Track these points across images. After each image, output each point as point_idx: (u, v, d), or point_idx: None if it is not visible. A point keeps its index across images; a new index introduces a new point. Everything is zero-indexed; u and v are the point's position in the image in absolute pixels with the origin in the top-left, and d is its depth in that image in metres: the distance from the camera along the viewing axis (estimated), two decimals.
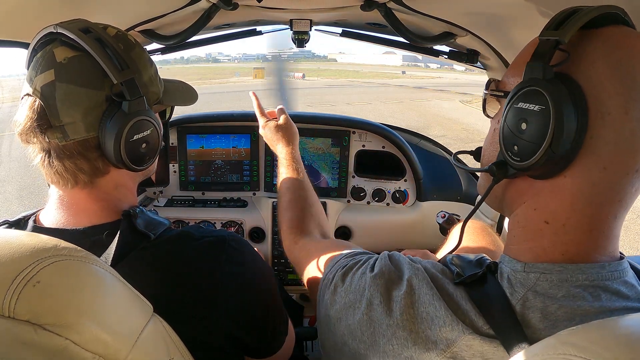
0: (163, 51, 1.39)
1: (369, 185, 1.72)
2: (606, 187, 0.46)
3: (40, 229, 0.64)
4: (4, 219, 0.68)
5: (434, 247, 0.99)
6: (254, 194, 1.76)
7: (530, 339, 0.45)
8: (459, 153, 0.69)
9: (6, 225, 0.67)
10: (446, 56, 1.32)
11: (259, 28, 1.50)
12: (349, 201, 1.74)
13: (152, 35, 1.18)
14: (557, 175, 0.48)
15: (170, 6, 1.04)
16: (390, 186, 1.72)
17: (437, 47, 1.30)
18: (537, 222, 0.51)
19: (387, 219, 1.71)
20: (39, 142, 0.61)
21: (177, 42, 1.18)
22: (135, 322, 0.51)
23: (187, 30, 1.13)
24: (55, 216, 0.66)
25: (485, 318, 0.48)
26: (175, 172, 1.72)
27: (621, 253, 0.51)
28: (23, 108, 0.61)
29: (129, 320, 0.50)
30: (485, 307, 0.48)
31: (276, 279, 0.85)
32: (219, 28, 1.43)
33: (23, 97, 0.62)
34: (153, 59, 0.73)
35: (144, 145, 0.67)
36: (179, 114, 1.47)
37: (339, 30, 1.48)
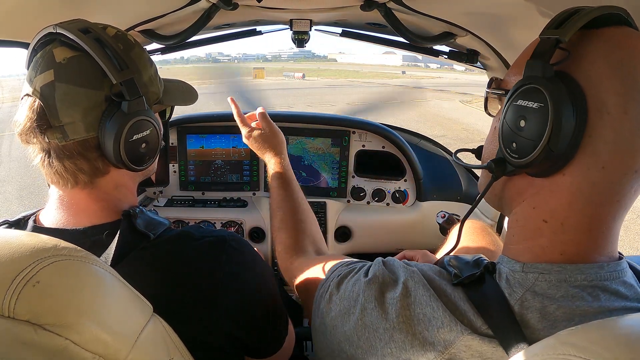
0: (163, 51, 1.39)
1: (369, 185, 1.72)
2: (605, 187, 0.46)
3: (40, 229, 0.64)
4: (4, 219, 0.68)
5: (433, 247, 0.99)
6: (254, 193, 1.76)
7: (529, 339, 0.45)
8: (461, 150, 0.69)
9: (6, 225, 0.67)
10: (446, 56, 1.32)
11: (259, 28, 1.50)
12: (348, 201, 1.74)
13: (152, 35, 1.18)
14: (556, 173, 0.48)
15: (170, 6, 1.04)
16: (390, 186, 1.72)
17: (437, 47, 1.30)
18: (536, 220, 0.50)
19: (387, 219, 1.71)
20: (39, 142, 0.61)
21: (177, 42, 1.18)
22: (135, 322, 0.51)
23: (187, 30, 1.13)
24: (55, 216, 0.66)
25: (483, 318, 0.48)
26: (175, 172, 1.72)
27: (620, 253, 0.51)
28: (23, 108, 0.61)
29: (129, 320, 0.50)
30: (483, 307, 0.48)
31: (276, 279, 0.85)
32: (219, 28, 1.43)
33: (23, 98, 0.62)
34: (153, 59, 0.73)
35: (143, 145, 0.67)
36: (179, 114, 1.47)
37: (339, 30, 1.48)
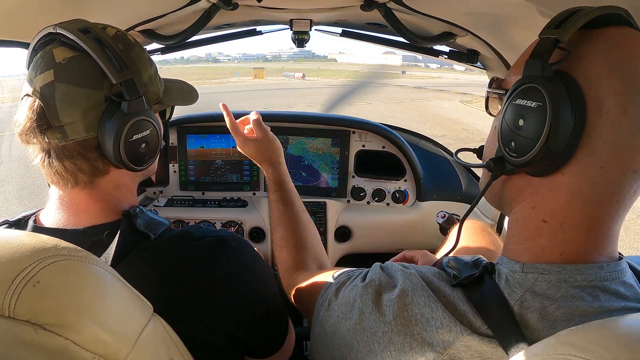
0: (163, 51, 1.39)
1: (369, 185, 1.72)
2: (604, 187, 0.46)
3: (41, 229, 0.64)
4: (4, 219, 0.68)
5: (433, 247, 0.99)
6: (254, 193, 1.76)
7: (529, 339, 0.45)
8: (462, 150, 0.69)
9: (6, 225, 0.67)
10: (446, 56, 1.32)
11: (259, 28, 1.50)
12: (349, 201, 1.74)
13: (152, 35, 1.18)
14: (555, 172, 0.48)
15: (170, 6, 1.04)
16: (390, 186, 1.72)
17: (437, 47, 1.30)
18: (536, 220, 0.50)
19: (387, 219, 1.71)
20: (39, 142, 0.61)
21: (177, 42, 1.18)
22: (135, 322, 0.51)
23: (187, 30, 1.13)
24: (56, 216, 0.66)
25: (483, 318, 0.47)
26: (175, 172, 1.72)
27: (620, 253, 0.51)
28: (23, 108, 0.61)
29: (129, 320, 0.50)
30: (483, 308, 0.48)
31: (276, 279, 0.85)
32: (219, 28, 1.43)
33: (23, 98, 0.62)
34: (153, 59, 0.73)
35: (143, 145, 0.66)
36: (179, 114, 1.47)
37: (339, 30, 1.48)
